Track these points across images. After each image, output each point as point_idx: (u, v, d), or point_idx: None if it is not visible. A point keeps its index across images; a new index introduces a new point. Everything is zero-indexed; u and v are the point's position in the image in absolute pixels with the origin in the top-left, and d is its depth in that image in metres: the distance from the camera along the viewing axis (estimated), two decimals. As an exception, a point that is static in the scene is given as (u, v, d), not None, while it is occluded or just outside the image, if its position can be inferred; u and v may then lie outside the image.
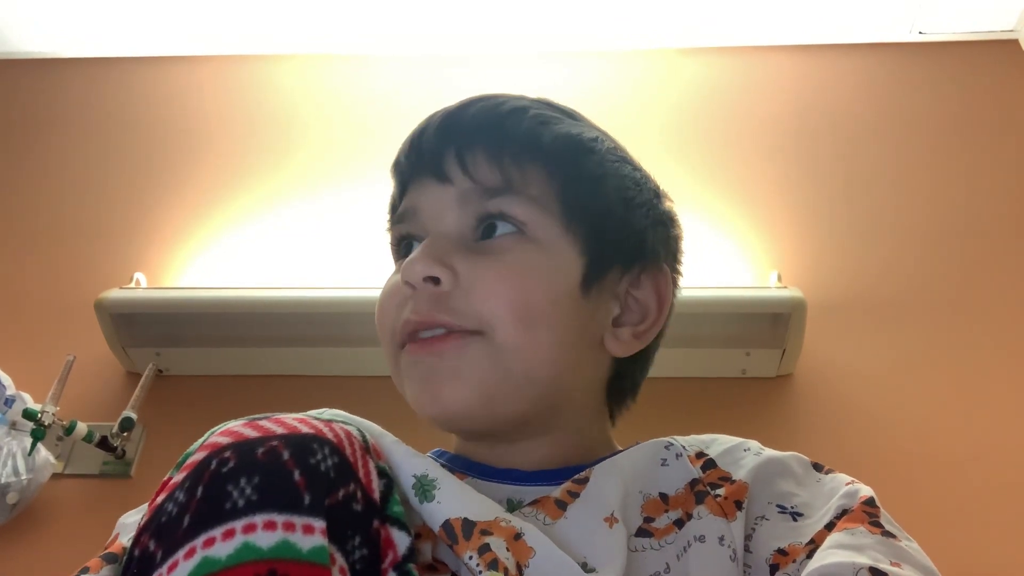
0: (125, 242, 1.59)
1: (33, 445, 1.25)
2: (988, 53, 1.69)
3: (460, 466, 0.54)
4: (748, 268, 1.46)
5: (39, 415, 1.24)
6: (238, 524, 0.37)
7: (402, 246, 0.58)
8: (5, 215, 1.66)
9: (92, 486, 1.33)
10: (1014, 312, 1.39)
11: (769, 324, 1.31)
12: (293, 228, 1.57)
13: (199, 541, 0.36)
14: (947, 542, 1.19)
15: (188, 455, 0.41)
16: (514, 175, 0.54)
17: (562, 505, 0.49)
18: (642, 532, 0.48)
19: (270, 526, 0.37)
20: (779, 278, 1.37)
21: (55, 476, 1.30)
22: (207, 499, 0.38)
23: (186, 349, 1.41)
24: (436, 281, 0.51)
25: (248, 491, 0.38)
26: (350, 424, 0.45)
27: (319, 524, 0.38)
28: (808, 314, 1.29)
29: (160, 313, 1.39)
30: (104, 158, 1.72)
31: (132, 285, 1.45)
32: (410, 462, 0.46)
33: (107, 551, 0.46)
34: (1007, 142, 1.58)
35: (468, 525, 0.43)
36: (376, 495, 0.42)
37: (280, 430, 0.41)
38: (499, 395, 0.51)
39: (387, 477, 0.44)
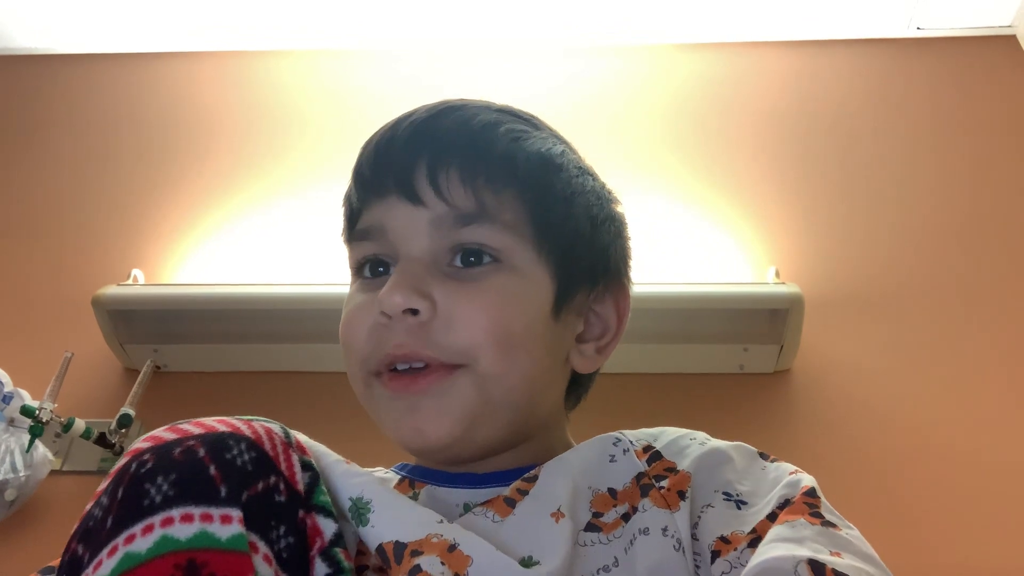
0: (122, 239, 1.58)
1: (31, 442, 1.25)
2: (986, 48, 1.69)
3: (420, 475, 0.55)
4: (746, 264, 1.46)
5: (37, 412, 1.24)
6: (156, 519, 0.39)
7: (366, 266, 0.56)
8: (2, 212, 1.66)
9: (90, 483, 1.33)
10: (1011, 307, 1.39)
11: (767, 320, 1.31)
12: (290, 224, 1.57)
13: (120, 539, 0.38)
14: (944, 537, 1.19)
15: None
16: (488, 200, 0.53)
17: (511, 503, 0.50)
18: (591, 527, 0.49)
19: (187, 518, 0.39)
20: (777, 274, 1.37)
21: (53, 473, 1.30)
22: (127, 499, 0.40)
23: (184, 345, 1.41)
24: (415, 312, 0.51)
25: (165, 487, 0.39)
26: (272, 423, 0.46)
27: (236, 514, 0.39)
28: (806, 310, 1.29)
29: (158, 309, 1.38)
30: (101, 155, 1.72)
31: (129, 281, 1.45)
32: (347, 483, 0.47)
33: (47, 565, 0.48)
34: (1005, 137, 1.58)
35: (399, 548, 0.45)
36: (300, 486, 0.44)
37: (198, 431, 0.43)
38: (479, 423, 0.52)
39: (311, 470, 0.45)
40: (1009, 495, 1.22)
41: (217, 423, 0.44)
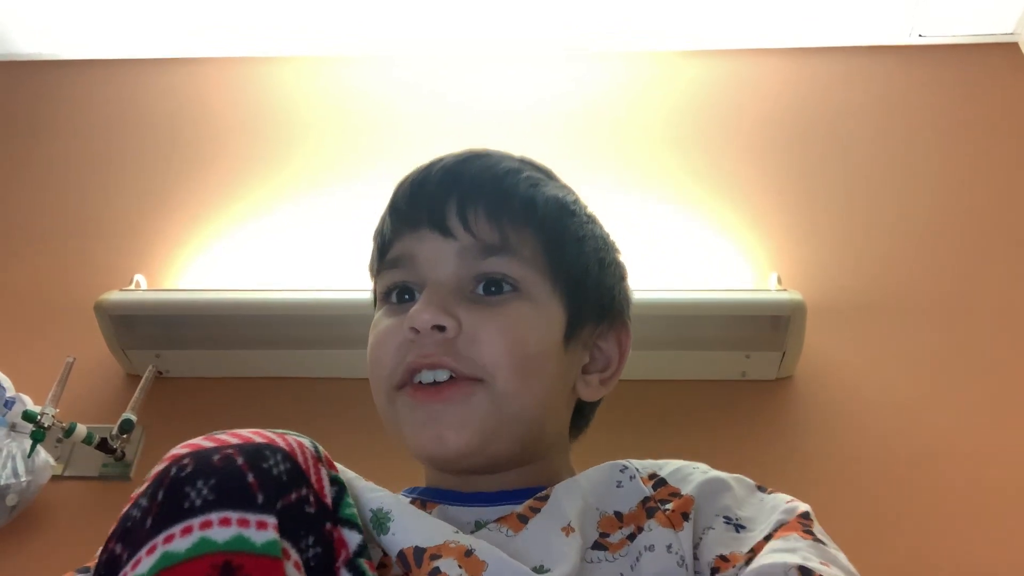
0: (125, 244, 1.59)
1: (33, 447, 1.24)
2: (988, 56, 1.69)
3: (431, 496, 0.58)
4: (748, 270, 1.46)
5: (39, 417, 1.24)
6: (195, 521, 0.40)
7: (394, 293, 0.61)
8: (5, 217, 1.66)
9: (92, 488, 1.33)
10: (1014, 314, 1.39)
11: (769, 326, 1.31)
12: (293, 230, 1.57)
13: (160, 538, 0.40)
14: (948, 543, 1.19)
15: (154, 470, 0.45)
16: (511, 236, 0.59)
17: (524, 519, 0.53)
18: (597, 546, 0.52)
19: (225, 522, 0.40)
20: (779, 280, 1.37)
21: (55, 478, 1.30)
22: (167, 501, 0.41)
23: (186, 351, 1.41)
24: (442, 329, 0.55)
25: (205, 492, 0.41)
26: (303, 437, 0.48)
27: (272, 521, 0.41)
28: (808, 316, 1.29)
29: (160, 315, 1.38)
30: (104, 160, 1.72)
31: (132, 287, 1.45)
32: (367, 497, 0.50)
33: (83, 566, 0.50)
34: (1007, 145, 1.58)
35: (419, 552, 0.48)
36: (328, 499, 0.46)
37: (235, 440, 0.44)
38: (495, 436, 0.56)
39: (339, 484, 0.48)
40: (1013, 500, 1.22)
41: (253, 434, 0.45)
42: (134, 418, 1.30)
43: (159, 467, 0.44)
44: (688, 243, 1.49)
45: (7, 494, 1.24)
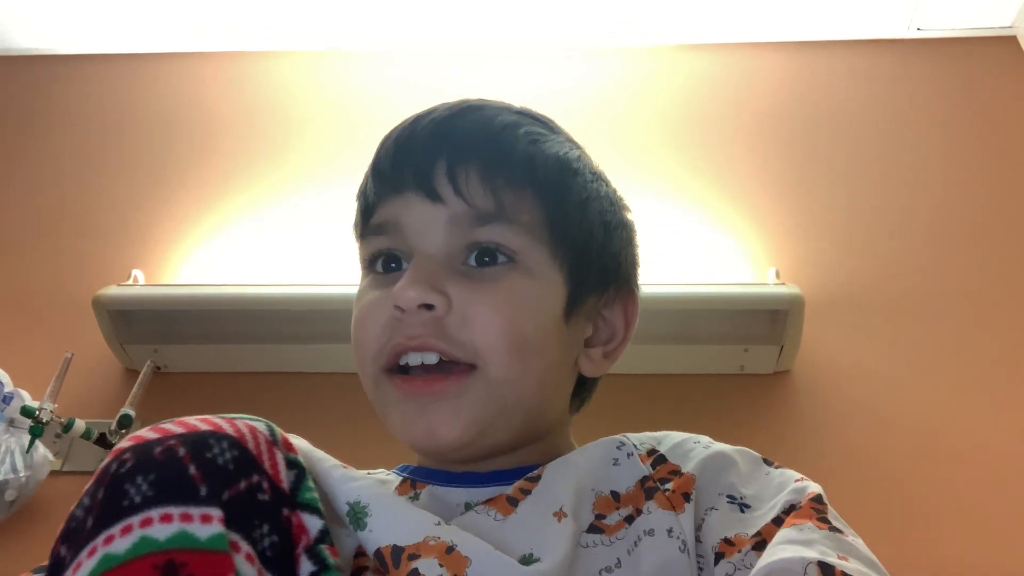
0: (123, 239, 1.58)
1: (31, 442, 1.25)
2: (986, 49, 1.69)
3: (422, 476, 0.55)
4: (746, 265, 1.46)
5: (37, 412, 1.24)
6: (135, 519, 0.38)
7: (379, 261, 0.56)
8: (3, 212, 1.66)
9: (90, 483, 1.33)
10: (1011, 307, 1.39)
11: (767, 320, 1.31)
12: (291, 224, 1.57)
13: (100, 540, 0.38)
14: (944, 539, 1.19)
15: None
16: (507, 200, 0.53)
17: (513, 502, 0.50)
18: (593, 529, 0.49)
19: (166, 519, 0.38)
20: (777, 274, 1.37)
21: (53, 473, 1.30)
22: (107, 499, 0.40)
23: (184, 346, 1.41)
24: (430, 308, 0.50)
25: (144, 488, 0.39)
26: (258, 420, 0.46)
27: (216, 513, 0.39)
28: (806, 310, 1.29)
29: (158, 310, 1.38)
30: (102, 155, 1.72)
31: (130, 282, 1.45)
32: (344, 488, 0.47)
33: (39, 565, 0.47)
34: (1005, 138, 1.58)
35: (396, 552, 0.45)
36: (285, 484, 0.43)
37: (180, 430, 0.42)
38: (490, 428, 0.52)
39: (298, 467, 0.45)
40: (1010, 496, 1.22)
41: (200, 422, 0.43)
42: (133, 413, 1.30)
43: (104, 463, 0.42)
44: (686, 238, 1.49)
45: (6, 489, 1.24)
